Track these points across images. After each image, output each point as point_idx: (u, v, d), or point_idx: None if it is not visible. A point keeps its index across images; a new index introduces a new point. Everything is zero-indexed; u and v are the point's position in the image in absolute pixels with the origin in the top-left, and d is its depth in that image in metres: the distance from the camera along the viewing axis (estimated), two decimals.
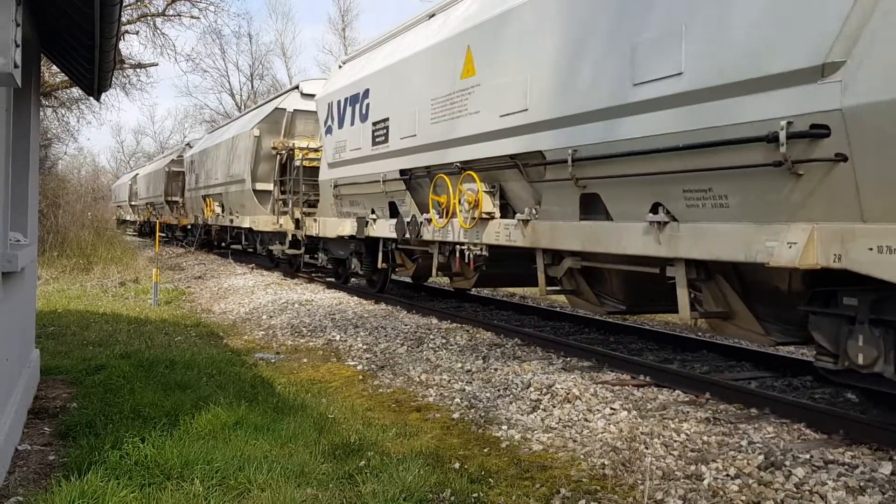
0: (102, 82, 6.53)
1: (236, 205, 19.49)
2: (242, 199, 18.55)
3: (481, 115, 7.90)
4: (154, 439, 4.42)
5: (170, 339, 8.52)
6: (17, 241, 5.05)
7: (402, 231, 10.00)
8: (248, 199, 18.01)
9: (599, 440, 4.81)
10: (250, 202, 17.97)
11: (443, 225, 8.91)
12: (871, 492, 3.82)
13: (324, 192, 13.11)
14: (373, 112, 10.76)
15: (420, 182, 9.73)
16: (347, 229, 12.03)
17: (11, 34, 3.23)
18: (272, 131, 17.22)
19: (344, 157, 11.82)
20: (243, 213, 18.90)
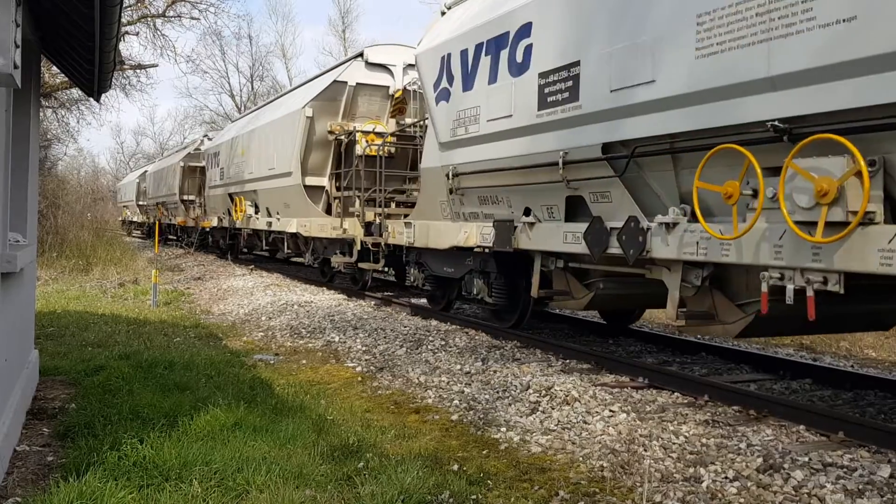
0: (102, 83, 6.53)
1: (277, 204, 16.05)
2: (287, 197, 15.10)
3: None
4: (153, 440, 4.41)
5: (169, 340, 8.52)
6: (17, 241, 5.05)
7: (601, 243, 6.52)
8: (297, 197, 14.59)
9: (598, 442, 4.80)
10: (299, 201, 14.55)
11: (736, 235, 5.08)
12: (870, 494, 3.82)
13: (428, 185, 9.66)
14: (541, 57, 7.12)
15: (652, 163, 6.09)
16: (474, 238, 8.61)
17: (11, 35, 3.23)
18: (328, 111, 13.83)
19: (473, 131, 8.27)
20: (287, 213, 15.41)
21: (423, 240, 9.94)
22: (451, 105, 8.77)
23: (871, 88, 4.30)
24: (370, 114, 13.99)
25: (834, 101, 4.50)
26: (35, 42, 5.38)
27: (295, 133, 14.20)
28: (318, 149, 14.13)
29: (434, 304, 10.76)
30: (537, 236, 7.51)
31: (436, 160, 9.25)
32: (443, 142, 9.00)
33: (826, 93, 4.54)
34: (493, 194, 8.32)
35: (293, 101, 15.64)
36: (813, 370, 6.88)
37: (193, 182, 26.84)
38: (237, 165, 18.99)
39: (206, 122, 52.74)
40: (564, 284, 7.74)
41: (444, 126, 8.94)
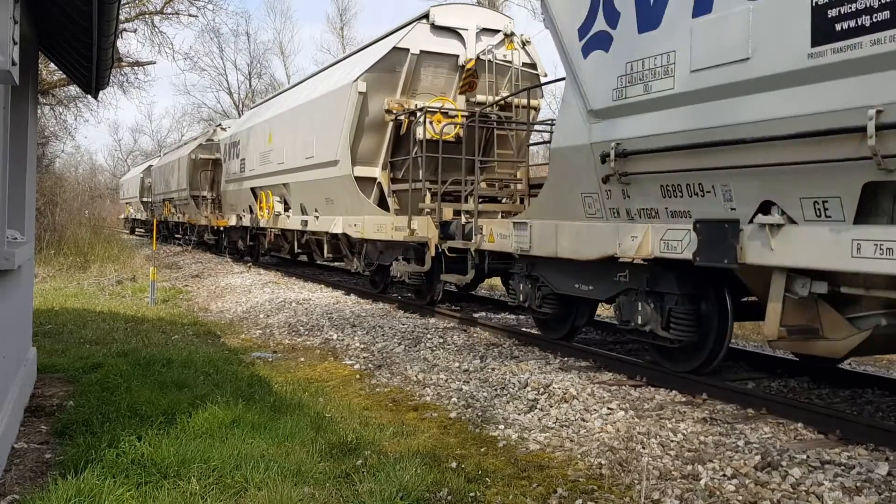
0: (100, 80, 6.52)
1: (315, 199, 13.69)
2: (330, 191, 12.69)
3: None
4: (151, 438, 4.41)
5: (167, 337, 8.52)
6: (14, 238, 5.05)
7: None
8: (344, 191, 12.08)
9: (596, 440, 4.81)
10: (347, 195, 12.06)
11: None
12: (868, 492, 3.83)
13: (562, 172, 7.00)
14: None
15: None
16: (649, 245, 6.03)
17: (9, 31, 3.23)
18: (385, 86, 11.33)
19: (662, 88, 5.75)
20: (329, 211, 13.06)
21: (546, 246, 7.33)
22: (613, 55, 6.26)
23: None
24: (434, 89, 11.52)
25: None
26: (33, 39, 5.37)
27: (343, 113, 11.61)
28: (371, 132, 11.62)
29: (547, 330, 8.15)
30: (789, 245, 4.94)
31: (578, 136, 6.61)
32: (597, 109, 6.35)
33: None
34: (692, 182, 5.67)
35: (340, 74, 12.86)
36: (811, 368, 6.88)
37: (205, 176, 24.32)
38: (263, 155, 16.49)
39: (203, 119, 52.66)
40: (812, 318, 5.21)
41: (599, 86, 6.33)
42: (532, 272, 7.95)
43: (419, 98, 11.49)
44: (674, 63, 5.66)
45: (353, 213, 12.07)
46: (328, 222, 13.07)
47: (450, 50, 11.53)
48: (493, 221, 8.82)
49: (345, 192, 12.14)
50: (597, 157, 6.38)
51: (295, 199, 15.03)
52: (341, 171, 11.95)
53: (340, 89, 12.00)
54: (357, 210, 11.94)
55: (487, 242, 8.67)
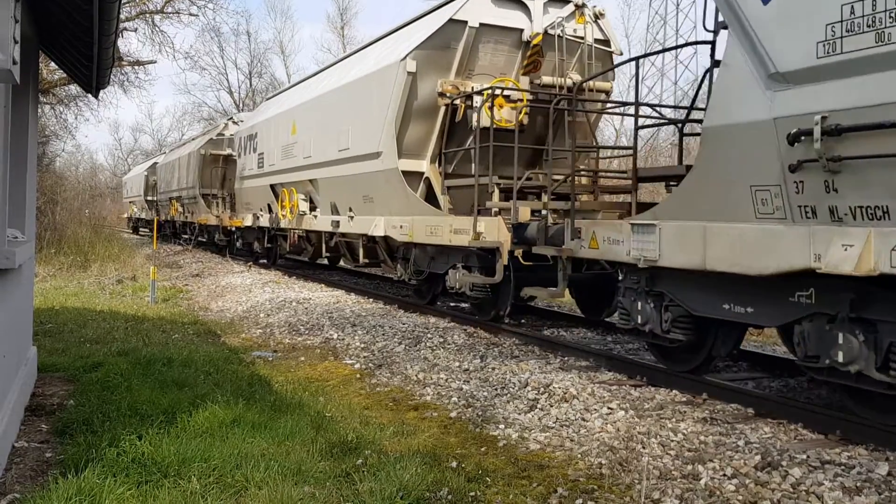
0: (101, 79, 6.53)
1: (350, 197, 12.00)
2: (372, 188, 11.02)
3: None
4: (151, 437, 4.42)
5: (167, 336, 8.52)
6: (15, 237, 5.05)
7: None
8: (388, 188, 10.45)
9: (596, 439, 4.81)
10: (392, 192, 10.39)
11: None
12: (868, 492, 3.83)
13: (721, 157, 5.39)
14: None
15: None
16: (872, 258, 4.42)
17: (10, 31, 3.23)
18: (437, 65, 9.76)
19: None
20: (367, 210, 11.46)
21: (685, 255, 5.68)
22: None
23: None
24: (493, 69, 9.96)
25: None
26: (34, 38, 5.37)
27: (388, 97, 10.03)
28: (420, 119, 10.01)
29: (672, 361, 6.49)
30: None
31: (751, 109, 5.08)
32: (787, 70, 4.79)
33: None
34: None
35: (381, 53, 11.23)
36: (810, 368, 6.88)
37: (215, 173, 22.63)
38: (285, 149, 14.82)
39: (204, 118, 52.69)
40: None
41: (790, 40, 4.76)
42: (654, 287, 6.28)
43: (475, 80, 9.87)
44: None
45: (399, 212, 10.42)
46: (366, 223, 11.39)
47: (513, 23, 9.93)
48: (599, 223, 7.00)
49: (389, 189, 10.47)
50: (781, 138, 4.80)
51: (324, 197, 13.29)
52: (385, 164, 10.30)
53: (384, 70, 10.32)
54: (403, 209, 10.27)
55: (588, 249, 6.92)
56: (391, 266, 11.72)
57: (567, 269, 7.37)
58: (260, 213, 17.24)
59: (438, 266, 10.06)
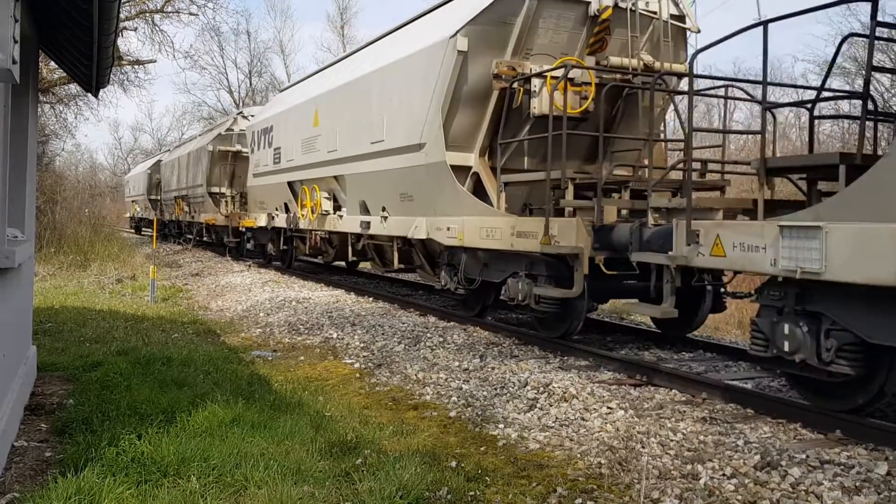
0: (100, 79, 6.53)
1: (385, 195, 10.70)
2: (412, 184, 9.83)
3: None
4: (151, 436, 4.42)
5: (167, 336, 8.52)
6: (15, 237, 5.05)
7: None
8: (435, 184, 9.26)
9: (596, 439, 4.81)
10: (440, 189, 9.19)
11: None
12: (867, 492, 3.84)
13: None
14: None
15: None
16: None
17: (10, 30, 3.23)
18: (491, 43, 8.53)
19: None
20: (404, 209, 10.18)
21: (870, 267, 4.54)
22: None
23: None
24: (553, 48, 8.72)
25: None
26: (33, 37, 5.37)
27: (433, 81, 8.84)
28: (470, 106, 8.82)
29: (829, 398, 5.31)
30: None
31: None
32: None
33: None
34: None
35: (423, 32, 9.96)
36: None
37: (224, 171, 21.50)
38: (306, 142, 13.54)
39: (204, 118, 52.69)
40: None
41: None
42: (808, 306, 5.14)
43: (533, 61, 8.65)
44: None
45: (445, 212, 9.15)
46: (403, 225, 10.13)
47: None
48: (725, 224, 5.77)
49: (433, 186, 9.28)
50: None
51: (352, 195, 11.93)
52: (429, 157, 9.15)
53: (429, 50, 9.09)
54: (451, 209, 9.01)
55: (710, 257, 5.69)
56: (430, 273, 10.46)
57: (676, 281, 6.14)
58: (275, 213, 15.99)
59: (493, 274, 8.76)
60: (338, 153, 12.04)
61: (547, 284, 7.73)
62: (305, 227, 13.99)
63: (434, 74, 8.85)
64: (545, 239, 7.39)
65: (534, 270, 8.00)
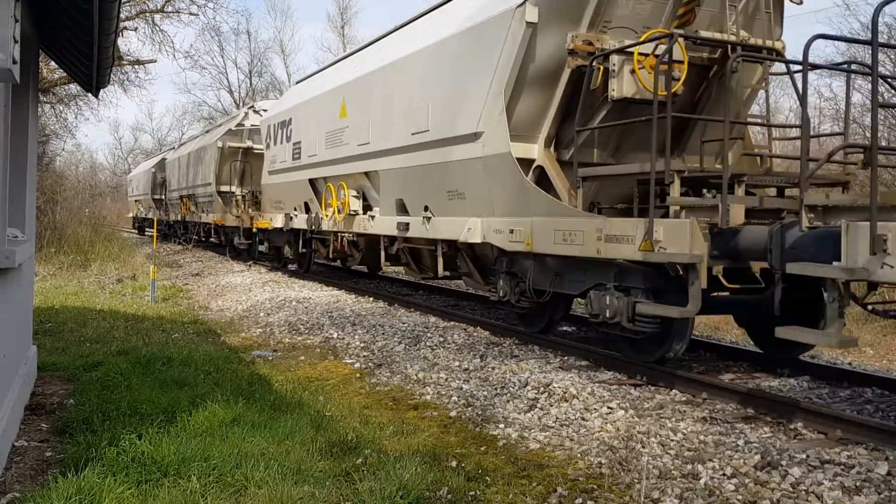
0: (101, 79, 6.53)
1: (430, 192, 9.35)
2: (465, 180, 8.50)
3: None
4: (151, 436, 4.42)
5: (167, 335, 8.52)
6: (15, 237, 5.05)
7: None
8: (495, 179, 7.97)
9: (596, 439, 4.81)
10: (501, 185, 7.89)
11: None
12: (867, 492, 3.84)
13: None
14: None
15: None
16: None
17: (10, 30, 3.23)
18: (565, 14, 7.37)
19: None
20: (456, 209, 8.80)
21: None
22: None
23: None
24: (634, 21, 7.58)
25: None
26: (34, 37, 5.37)
27: (495, 57, 7.66)
28: (536, 88, 7.63)
29: None
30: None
31: None
32: None
33: None
34: None
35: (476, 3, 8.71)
36: (810, 368, 6.89)
37: (234, 168, 20.39)
38: (331, 136, 12.24)
39: (204, 118, 52.71)
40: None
41: None
42: None
43: (611, 35, 7.48)
44: None
45: (507, 212, 7.81)
46: (452, 226, 8.80)
47: None
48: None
49: (493, 182, 7.97)
50: None
51: (386, 193, 10.62)
52: (487, 148, 7.90)
53: (490, 22, 7.88)
54: (515, 208, 7.69)
55: None
56: (479, 282, 9.28)
57: (846, 300, 4.98)
58: (294, 213, 14.73)
59: (568, 285, 7.41)
60: (370, 146, 10.72)
61: (644, 298, 6.43)
62: (329, 228, 12.69)
63: (495, 51, 7.64)
64: (645, 244, 6.07)
65: (625, 282, 6.64)
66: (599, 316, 6.76)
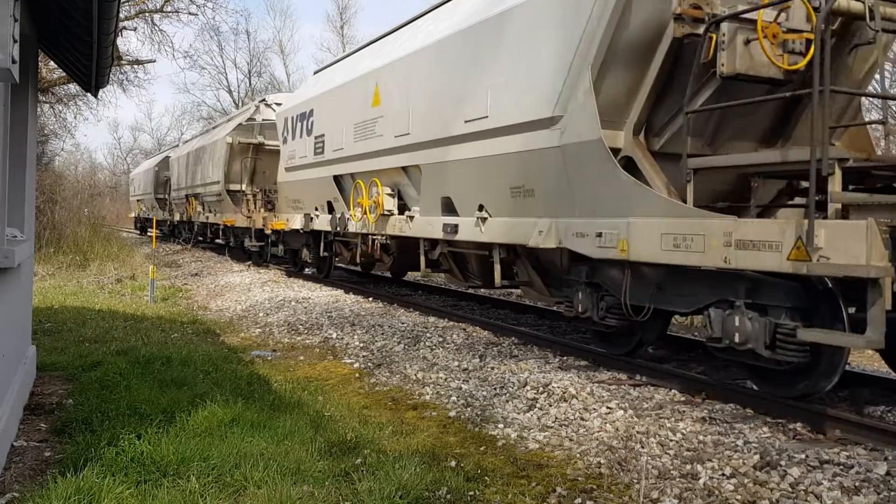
0: (100, 78, 6.53)
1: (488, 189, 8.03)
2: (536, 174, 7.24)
3: None
4: (150, 436, 4.42)
5: (166, 335, 8.52)
6: (14, 237, 5.05)
7: None
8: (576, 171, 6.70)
9: (595, 439, 4.81)
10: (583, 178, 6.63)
11: None
12: (867, 492, 3.84)
13: None
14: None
15: None
16: None
17: (10, 30, 3.23)
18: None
19: None
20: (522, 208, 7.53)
21: None
22: None
23: None
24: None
25: None
26: (33, 36, 5.37)
27: (579, 26, 6.47)
28: (627, 64, 6.41)
29: None
30: None
31: None
32: None
33: None
34: None
35: None
36: None
37: (244, 166, 19.15)
38: (361, 127, 10.97)
39: (203, 117, 52.72)
40: None
41: None
42: None
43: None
44: None
45: (594, 212, 6.54)
46: (516, 228, 7.47)
47: None
48: None
49: (575, 176, 6.66)
50: None
51: (430, 190, 9.36)
52: (569, 135, 6.58)
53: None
54: (607, 206, 6.39)
55: None
56: (544, 292, 8.00)
57: None
58: (315, 214, 13.59)
59: (678, 300, 6.19)
60: (410, 137, 9.50)
61: (788, 319, 5.24)
62: (357, 230, 11.51)
63: (581, 18, 6.43)
64: (798, 252, 4.82)
65: (761, 298, 5.44)
66: (724, 340, 5.57)
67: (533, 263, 8.03)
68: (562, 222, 6.92)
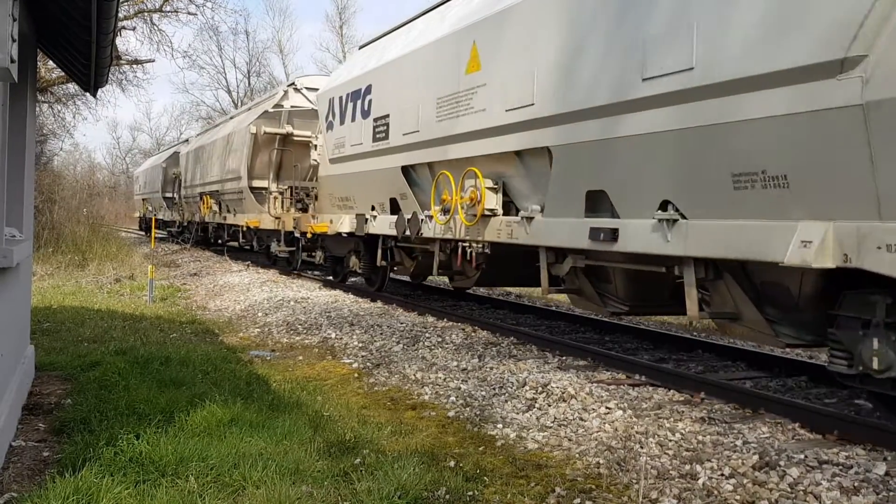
0: (99, 78, 6.52)
1: (682, 177, 5.53)
2: (801, 152, 4.57)
3: None
4: (149, 436, 4.41)
5: (165, 335, 8.51)
6: (13, 236, 5.05)
7: None
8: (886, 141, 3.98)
9: (594, 439, 4.81)
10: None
11: None
12: (866, 492, 3.84)
13: None
14: None
15: None
16: None
17: (8, 29, 3.22)
18: None
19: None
20: (759, 205, 4.94)
21: None
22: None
23: None
24: None
25: None
26: (32, 36, 5.36)
27: None
28: None
29: None
30: None
31: None
32: None
33: None
34: None
35: None
36: (808, 367, 6.90)
37: (270, 159, 16.79)
38: (448, 101, 8.63)
39: (202, 117, 52.70)
40: None
41: None
42: None
43: None
44: None
45: None
46: (739, 235, 5.10)
47: None
48: None
49: (883, 152, 4.16)
50: None
51: (566, 179, 6.86)
52: (882, 87, 4.10)
53: None
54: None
55: None
56: (766, 330, 5.56)
57: None
58: (372, 214, 11.19)
59: None
60: (534, 110, 7.08)
61: None
62: (436, 234, 9.21)
63: None
64: None
65: None
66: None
67: (746, 287, 5.69)
68: (850, 228, 4.41)
